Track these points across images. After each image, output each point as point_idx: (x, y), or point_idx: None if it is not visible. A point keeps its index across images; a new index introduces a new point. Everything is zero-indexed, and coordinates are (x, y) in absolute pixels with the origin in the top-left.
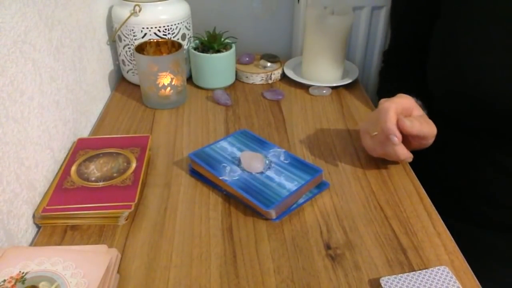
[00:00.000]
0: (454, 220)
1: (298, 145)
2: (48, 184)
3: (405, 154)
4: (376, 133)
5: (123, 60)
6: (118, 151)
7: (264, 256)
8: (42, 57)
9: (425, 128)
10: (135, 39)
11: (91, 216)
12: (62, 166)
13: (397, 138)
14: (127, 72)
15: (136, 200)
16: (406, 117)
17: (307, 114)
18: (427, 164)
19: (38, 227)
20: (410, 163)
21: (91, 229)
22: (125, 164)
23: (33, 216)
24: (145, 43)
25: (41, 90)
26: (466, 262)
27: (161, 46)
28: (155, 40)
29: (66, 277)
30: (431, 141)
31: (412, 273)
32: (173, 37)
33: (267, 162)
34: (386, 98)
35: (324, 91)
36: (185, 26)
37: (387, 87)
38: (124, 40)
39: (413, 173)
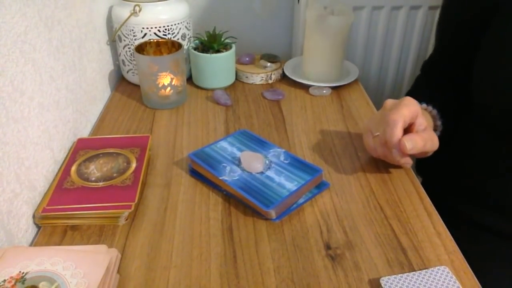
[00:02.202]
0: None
1: (298, 145)
2: (48, 184)
3: (405, 160)
4: (378, 133)
5: (123, 60)
6: (118, 151)
7: (264, 256)
8: (42, 57)
9: (427, 146)
10: (135, 39)
11: (91, 216)
12: (62, 166)
13: (399, 153)
14: (127, 72)
15: (136, 200)
16: (411, 125)
17: (307, 114)
18: (439, 162)
19: (38, 227)
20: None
21: (91, 229)
22: (125, 164)
23: (33, 216)
24: (145, 43)
25: (41, 90)
26: (466, 262)
27: (161, 46)
28: (155, 40)
29: (66, 277)
30: (430, 153)
31: (412, 273)
32: (173, 37)
33: (267, 162)
34: (393, 102)
35: (324, 91)
36: (185, 26)
37: (416, 92)
38: (124, 40)
39: (413, 173)
